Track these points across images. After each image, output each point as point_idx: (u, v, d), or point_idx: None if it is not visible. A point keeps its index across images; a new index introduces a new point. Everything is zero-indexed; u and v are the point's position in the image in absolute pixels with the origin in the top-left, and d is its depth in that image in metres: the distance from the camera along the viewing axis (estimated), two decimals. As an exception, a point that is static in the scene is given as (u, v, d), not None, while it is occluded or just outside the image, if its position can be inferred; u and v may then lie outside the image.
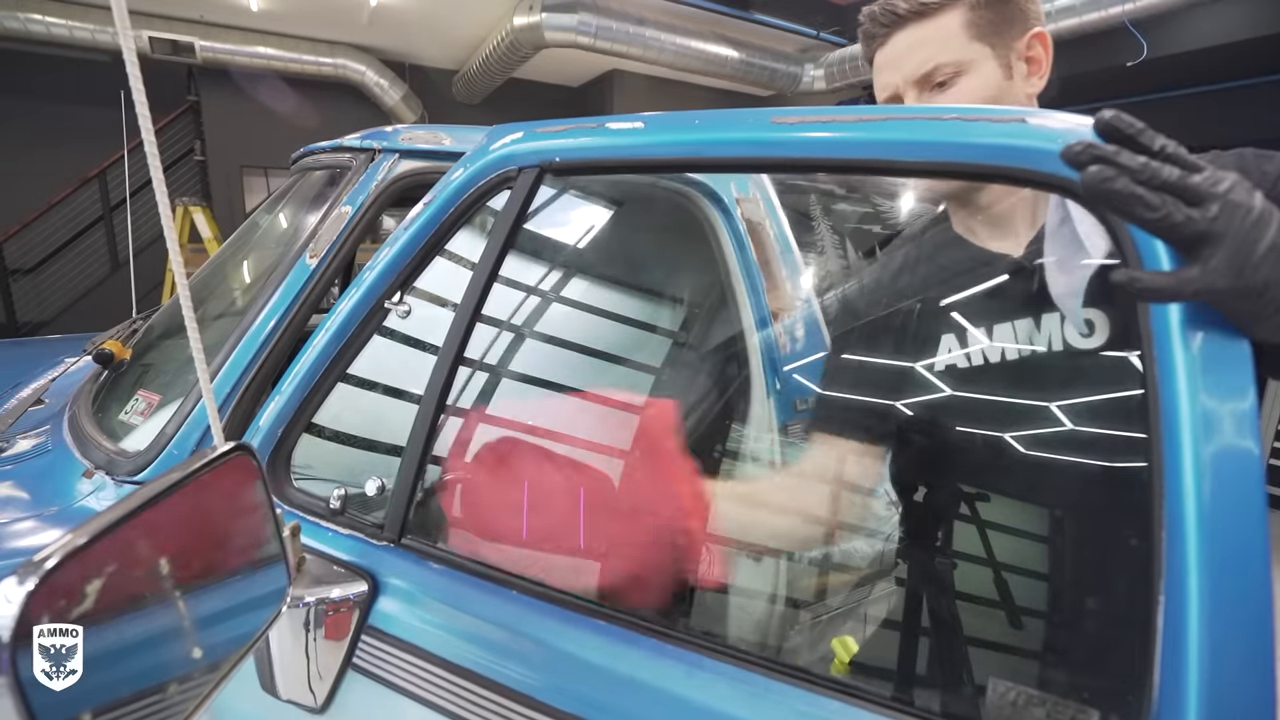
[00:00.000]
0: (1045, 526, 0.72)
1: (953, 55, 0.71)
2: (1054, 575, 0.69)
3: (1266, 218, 0.42)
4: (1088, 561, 0.66)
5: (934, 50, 0.72)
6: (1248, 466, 0.42)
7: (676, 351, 1.35)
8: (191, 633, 0.47)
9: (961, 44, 0.71)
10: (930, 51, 0.72)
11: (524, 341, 1.35)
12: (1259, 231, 0.42)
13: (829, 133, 0.61)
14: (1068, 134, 0.49)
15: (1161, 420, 0.44)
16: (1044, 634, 0.69)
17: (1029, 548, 0.71)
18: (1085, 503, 0.67)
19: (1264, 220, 0.42)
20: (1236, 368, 0.44)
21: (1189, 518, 0.42)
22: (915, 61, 0.73)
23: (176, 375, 1.20)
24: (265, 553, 0.56)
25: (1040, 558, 0.71)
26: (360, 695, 0.72)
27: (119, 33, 0.44)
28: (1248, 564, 0.41)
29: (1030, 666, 0.68)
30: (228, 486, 0.52)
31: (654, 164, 0.80)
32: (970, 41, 0.71)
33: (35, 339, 3.26)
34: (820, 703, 0.53)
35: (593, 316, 1.40)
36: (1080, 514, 0.68)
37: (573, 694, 0.61)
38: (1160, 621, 0.42)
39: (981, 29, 0.71)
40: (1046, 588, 0.70)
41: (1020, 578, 0.72)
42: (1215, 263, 0.42)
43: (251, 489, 0.55)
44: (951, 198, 0.80)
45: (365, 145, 1.23)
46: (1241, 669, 0.41)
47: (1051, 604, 0.70)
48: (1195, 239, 0.42)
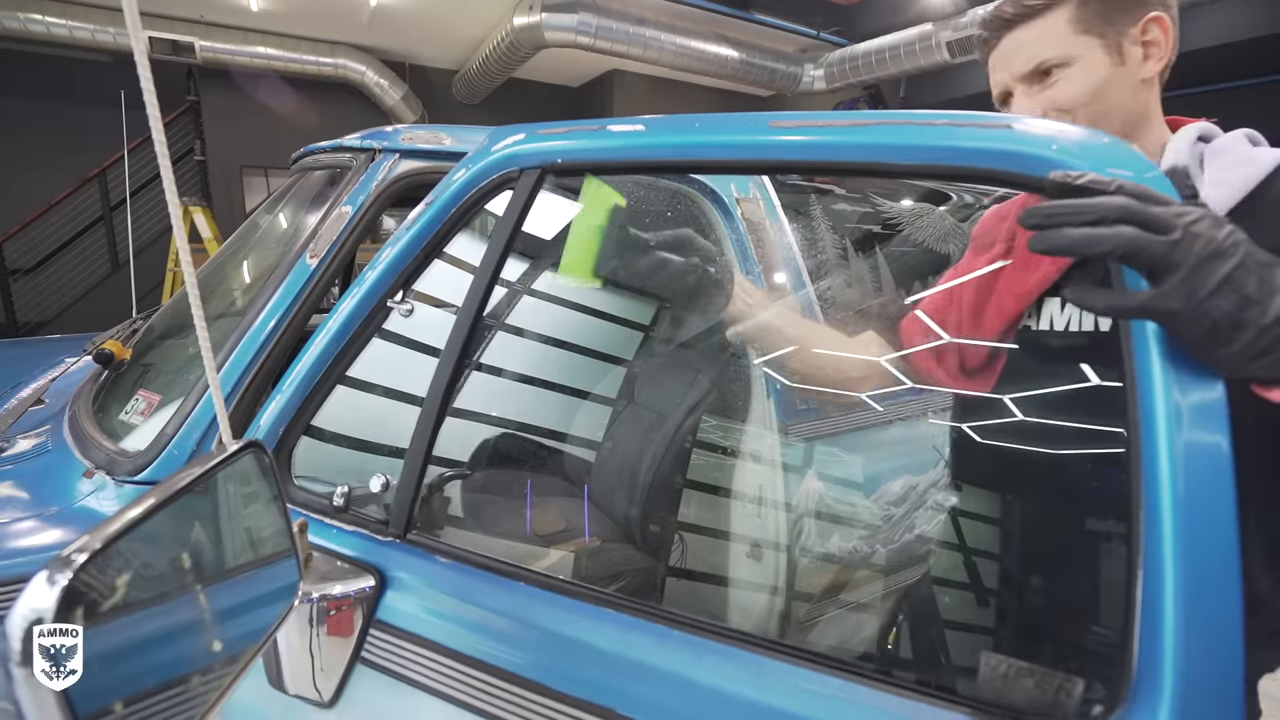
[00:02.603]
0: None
1: (1056, 51, 0.73)
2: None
3: (1228, 251, 0.44)
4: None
5: (1038, 48, 0.74)
6: (1217, 453, 0.45)
7: (675, 351, 1.36)
8: (211, 626, 0.48)
9: (1066, 39, 0.73)
10: (1034, 49, 0.74)
11: (523, 340, 1.35)
12: (1216, 263, 0.44)
13: (825, 136, 0.63)
14: (1050, 139, 0.52)
15: (1139, 410, 0.46)
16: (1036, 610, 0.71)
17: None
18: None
19: (1224, 253, 0.44)
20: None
21: (1164, 500, 0.45)
22: (1021, 60, 0.75)
23: (177, 375, 1.20)
24: (276, 548, 0.57)
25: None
26: (369, 688, 0.73)
27: (130, 34, 0.45)
28: (1218, 543, 0.44)
29: (1021, 640, 0.70)
30: (240, 483, 0.53)
31: (655, 165, 0.81)
32: (1076, 36, 0.73)
33: (35, 339, 3.26)
34: (824, 681, 0.55)
35: (592, 317, 1.41)
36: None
37: (582, 679, 0.62)
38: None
39: (1088, 22, 0.73)
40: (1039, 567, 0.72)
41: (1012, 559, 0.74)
42: (1168, 286, 0.44)
43: (263, 485, 0.56)
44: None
45: (365, 145, 1.24)
46: (1212, 643, 0.43)
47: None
48: (1157, 262, 0.44)
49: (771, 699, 0.56)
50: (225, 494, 0.52)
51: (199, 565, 0.48)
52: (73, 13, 5.38)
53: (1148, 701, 0.44)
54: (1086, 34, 0.73)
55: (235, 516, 0.54)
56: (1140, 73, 0.74)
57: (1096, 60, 0.73)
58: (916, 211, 1.23)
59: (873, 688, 0.53)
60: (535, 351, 1.35)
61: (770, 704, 0.55)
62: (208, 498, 0.49)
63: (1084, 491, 0.65)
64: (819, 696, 0.55)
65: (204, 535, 0.50)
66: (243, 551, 0.54)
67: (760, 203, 1.28)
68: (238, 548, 0.53)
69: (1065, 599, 0.66)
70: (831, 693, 0.54)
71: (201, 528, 0.49)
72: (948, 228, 1.25)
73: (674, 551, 1.09)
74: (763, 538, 1.00)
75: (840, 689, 0.54)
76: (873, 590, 0.86)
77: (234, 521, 0.54)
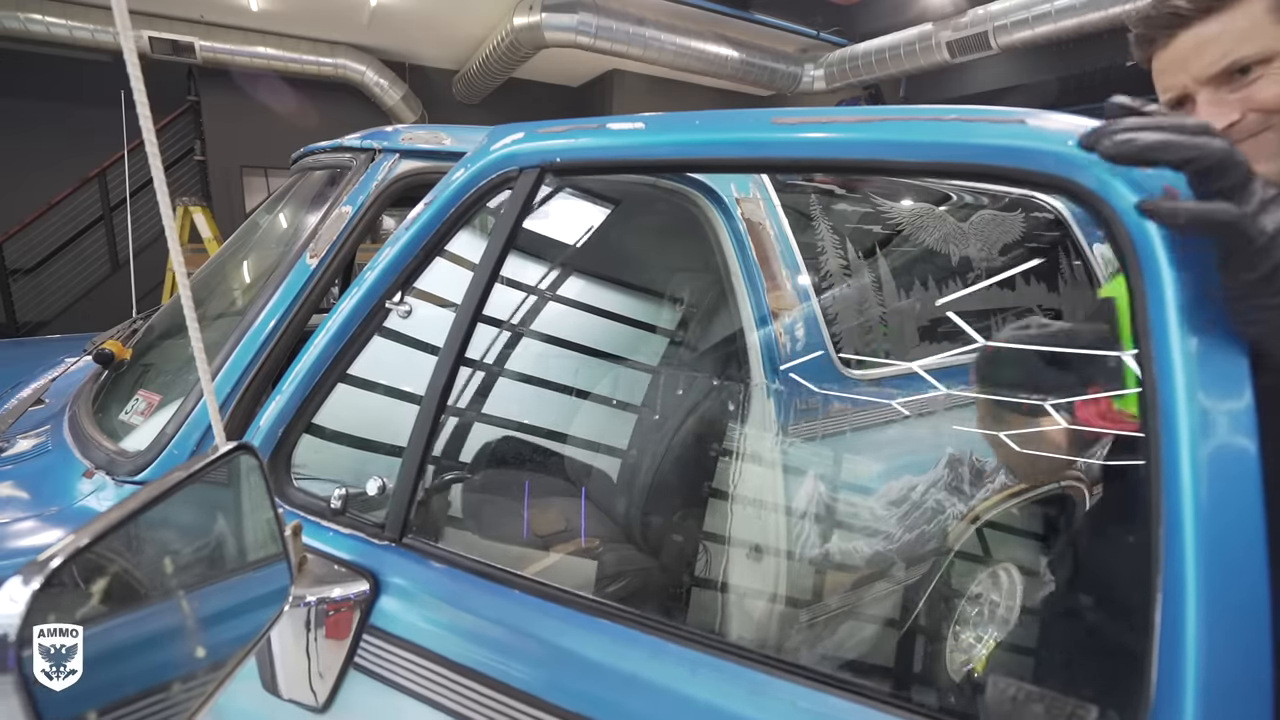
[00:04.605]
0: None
1: (1257, 46, 0.62)
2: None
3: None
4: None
5: (1231, 44, 0.63)
6: (1245, 463, 0.42)
7: (675, 351, 1.35)
8: (195, 632, 0.47)
9: (1267, 31, 0.62)
10: (1227, 45, 0.63)
11: (523, 340, 1.35)
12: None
13: (829, 133, 0.61)
14: (1066, 135, 0.50)
15: (1160, 416, 0.44)
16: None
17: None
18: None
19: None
20: (1234, 363, 0.45)
21: (1186, 513, 0.42)
22: (1208, 58, 0.64)
23: (177, 375, 1.20)
24: (267, 552, 0.56)
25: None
26: (362, 694, 0.72)
27: (120, 33, 0.44)
28: (1245, 561, 0.42)
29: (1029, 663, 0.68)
30: (230, 486, 0.52)
31: (654, 164, 0.80)
32: (1278, 26, 0.62)
33: (35, 339, 3.26)
34: (821, 699, 0.53)
35: (592, 316, 1.41)
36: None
37: (574, 691, 0.61)
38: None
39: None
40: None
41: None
42: (1254, 206, 0.42)
43: (254, 488, 0.55)
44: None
45: (365, 145, 1.23)
46: (1238, 664, 0.41)
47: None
48: (1240, 184, 0.43)
49: (768, 717, 0.54)
50: (215, 497, 0.51)
51: (186, 569, 0.47)
52: (73, 13, 5.38)
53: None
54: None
55: (225, 520, 0.53)
56: None
57: None
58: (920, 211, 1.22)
59: (874, 708, 0.52)
60: (535, 351, 1.35)
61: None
62: (196, 501, 0.48)
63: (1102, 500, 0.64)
64: (818, 717, 0.53)
65: (193, 538, 0.49)
66: (233, 555, 0.53)
67: (760, 202, 1.27)
68: (227, 551, 0.52)
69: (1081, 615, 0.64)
70: (830, 713, 0.53)
71: (189, 531, 0.48)
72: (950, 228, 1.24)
73: (689, 560, 1.07)
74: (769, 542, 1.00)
75: (840, 710, 0.52)
76: (874, 603, 0.85)
77: (224, 525, 0.53)
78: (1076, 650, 0.62)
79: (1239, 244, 0.43)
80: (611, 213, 1.38)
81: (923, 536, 0.89)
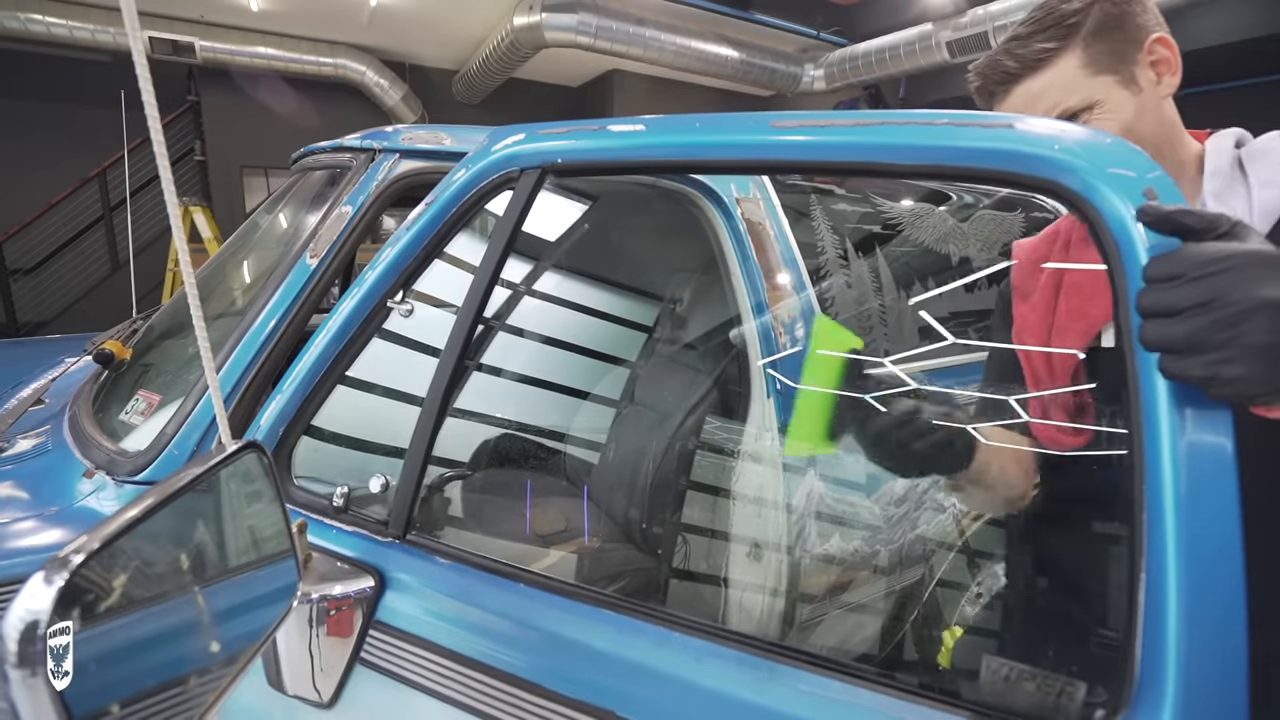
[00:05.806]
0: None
1: (1078, 97, 0.70)
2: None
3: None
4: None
5: (1057, 96, 0.70)
6: (1221, 452, 0.44)
7: (675, 350, 1.36)
8: (208, 627, 0.48)
9: (1083, 83, 0.70)
10: (1054, 98, 0.70)
11: (523, 340, 1.35)
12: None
13: (826, 136, 0.63)
14: (1053, 139, 0.52)
15: (1141, 408, 0.46)
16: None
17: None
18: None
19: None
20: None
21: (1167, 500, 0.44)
22: (1041, 109, 0.71)
23: (177, 375, 1.20)
24: (276, 548, 0.57)
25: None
26: (368, 689, 0.73)
27: (129, 34, 0.45)
28: (1221, 544, 0.44)
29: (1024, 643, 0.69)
30: (239, 483, 0.53)
31: (655, 165, 0.81)
32: (1093, 78, 0.70)
33: (35, 339, 3.26)
34: (824, 684, 0.55)
35: (592, 316, 1.41)
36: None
37: (581, 681, 0.62)
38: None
39: (1101, 63, 0.70)
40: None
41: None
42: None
43: (262, 486, 0.56)
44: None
45: (365, 145, 1.24)
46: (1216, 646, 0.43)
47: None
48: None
49: (772, 702, 0.55)
50: (224, 495, 0.51)
51: (198, 566, 0.48)
52: (73, 13, 5.38)
53: (1151, 704, 0.44)
54: (1100, 75, 0.70)
55: (234, 517, 0.54)
56: (1158, 93, 0.72)
57: (1119, 99, 0.70)
58: (920, 212, 1.23)
59: (874, 691, 0.53)
60: (535, 352, 1.35)
61: (771, 707, 0.55)
62: (207, 498, 0.49)
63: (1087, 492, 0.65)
64: (819, 699, 0.54)
65: (203, 536, 0.50)
66: (242, 552, 0.53)
67: (760, 203, 1.28)
68: (237, 548, 0.53)
69: (1067, 601, 0.66)
70: (832, 695, 0.54)
71: (200, 528, 0.49)
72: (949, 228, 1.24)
73: (677, 552, 1.08)
74: (769, 539, 1.00)
75: (840, 692, 0.54)
76: (873, 592, 0.86)
77: (233, 522, 0.53)
78: (1066, 640, 0.63)
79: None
80: (612, 213, 1.39)
81: (922, 535, 0.90)
